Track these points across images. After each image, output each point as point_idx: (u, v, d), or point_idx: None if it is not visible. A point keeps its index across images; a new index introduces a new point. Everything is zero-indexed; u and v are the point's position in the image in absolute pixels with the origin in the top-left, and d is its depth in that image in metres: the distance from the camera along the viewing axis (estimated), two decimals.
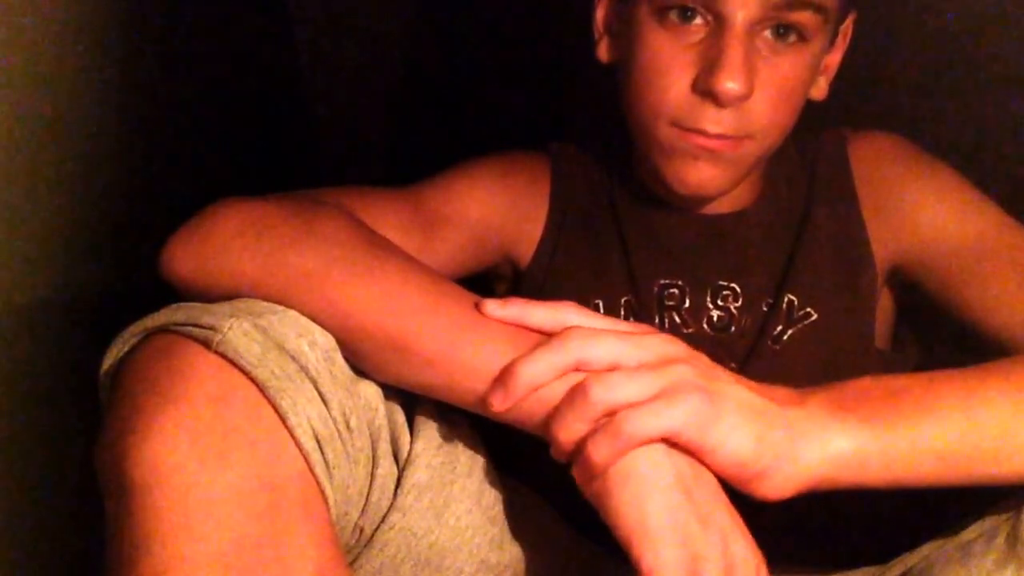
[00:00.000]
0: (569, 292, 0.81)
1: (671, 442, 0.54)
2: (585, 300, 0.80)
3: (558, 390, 0.55)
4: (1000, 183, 0.79)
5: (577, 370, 0.55)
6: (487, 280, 0.88)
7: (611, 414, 0.54)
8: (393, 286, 0.59)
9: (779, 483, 0.54)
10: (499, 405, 0.55)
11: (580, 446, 0.54)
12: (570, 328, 0.56)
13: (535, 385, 0.55)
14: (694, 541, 0.52)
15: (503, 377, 0.55)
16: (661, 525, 0.52)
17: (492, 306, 0.58)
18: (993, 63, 0.97)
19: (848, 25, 0.78)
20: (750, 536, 0.55)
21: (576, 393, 0.54)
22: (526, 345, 0.57)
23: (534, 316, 0.58)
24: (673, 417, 0.53)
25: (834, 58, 0.78)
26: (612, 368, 0.55)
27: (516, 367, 0.55)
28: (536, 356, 0.55)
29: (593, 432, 0.54)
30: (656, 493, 0.53)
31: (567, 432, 0.54)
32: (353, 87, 1.24)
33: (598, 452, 0.53)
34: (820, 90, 0.78)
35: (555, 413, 0.55)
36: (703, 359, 0.58)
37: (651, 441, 0.53)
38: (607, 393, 0.53)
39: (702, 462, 0.55)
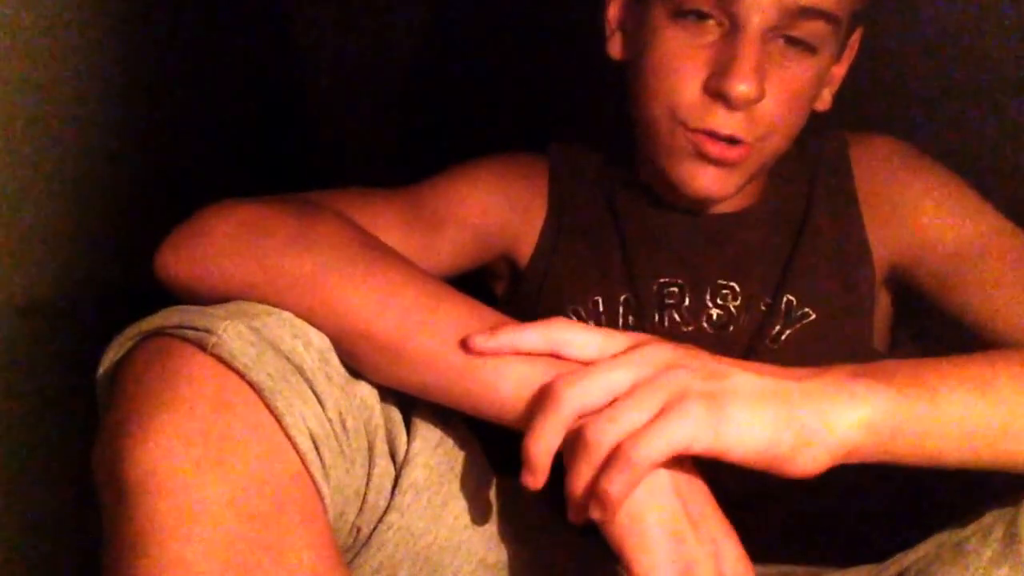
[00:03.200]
0: (568, 291, 0.81)
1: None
2: (584, 298, 0.80)
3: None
4: (999, 186, 0.79)
5: (580, 418, 0.54)
6: (485, 280, 0.88)
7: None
8: (389, 289, 0.59)
9: (811, 459, 0.53)
10: (535, 485, 0.54)
11: (593, 486, 0.53)
12: (558, 378, 0.55)
13: (552, 451, 0.54)
14: (687, 547, 0.52)
15: (525, 461, 0.54)
16: (656, 531, 0.52)
17: (481, 339, 0.56)
18: (992, 67, 0.97)
19: (855, 39, 0.78)
20: (740, 543, 0.54)
21: (577, 443, 0.53)
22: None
23: (526, 342, 0.57)
24: (680, 433, 0.51)
25: (839, 70, 0.79)
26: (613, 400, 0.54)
27: (528, 447, 0.54)
28: (539, 428, 0.53)
29: (604, 469, 0.52)
30: (652, 500, 0.53)
31: (580, 481, 0.53)
32: (353, 87, 1.24)
33: (613, 487, 0.51)
34: (824, 102, 0.79)
35: (567, 472, 0.54)
36: (701, 356, 0.56)
37: (665, 459, 0.52)
38: (609, 432, 0.52)
39: (725, 462, 0.53)
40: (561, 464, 0.55)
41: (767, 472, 0.54)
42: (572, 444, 0.53)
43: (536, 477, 0.54)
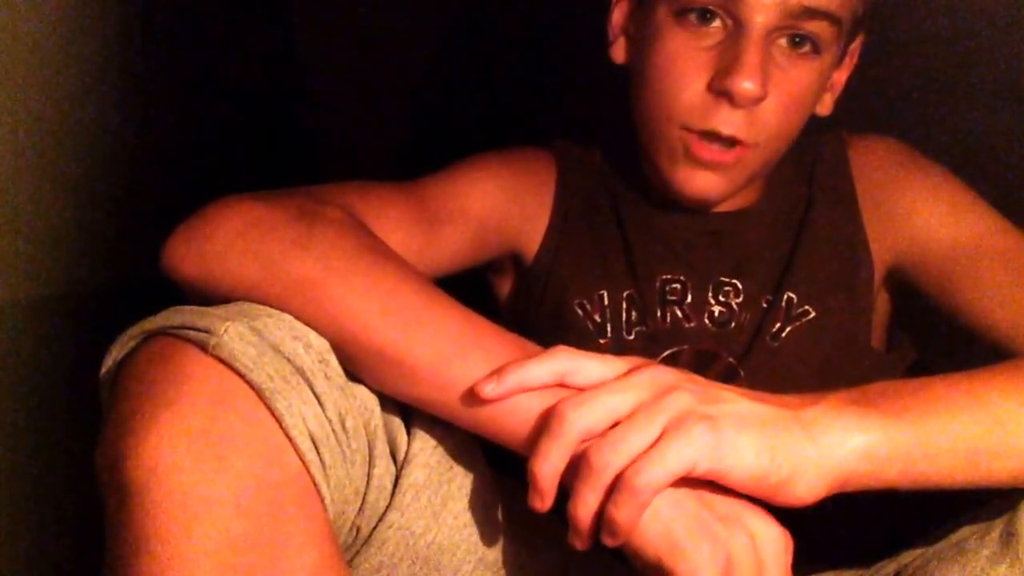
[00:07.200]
0: (572, 287, 0.81)
1: None
2: (588, 294, 0.80)
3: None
4: (994, 186, 0.80)
5: (582, 441, 0.54)
6: (486, 278, 0.88)
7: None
8: (389, 299, 0.59)
9: (806, 487, 0.53)
10: (543, 507, 0.54)
11: (600, 515, 0.53)
12: (563, 401, 0.54)
13: (559, 473, 0.54)
14: (721, 542, 0.52)
15: (532, 483, 0.54)
16: (687, 536, 0.52)
17: (489, 388, 0.56)
18: (987, 67, 0.98)
19: (857, 46, 0.79)
20: (774, 521, 0.54)
21: (581, 468, 0.53)
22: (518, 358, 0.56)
23: (532, 378, 0.56)
24: (683, 455, 0.51)
25: (841, 76, 0.79)
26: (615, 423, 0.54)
27: (535, 469, 0.54)
28: (544, 451, 0.53)
29: (610, 497, 0.52)
30: (675, 509, 0.53)
31: (585, 508, 0.53)
32: (353, 87, 1.24)
33: (621, 514, 0.52)
34: (825, 106, 0.79)
35: (571, 497, 0.53)
36: (699, 380, 0.56)
37: (670, 482, 0.52)
38: (613, 457, 0.52)
39: (723, 486, 0.53)
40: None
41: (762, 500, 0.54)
42: (576, 468, 0.53)
43: (544, 499, 0.54)
